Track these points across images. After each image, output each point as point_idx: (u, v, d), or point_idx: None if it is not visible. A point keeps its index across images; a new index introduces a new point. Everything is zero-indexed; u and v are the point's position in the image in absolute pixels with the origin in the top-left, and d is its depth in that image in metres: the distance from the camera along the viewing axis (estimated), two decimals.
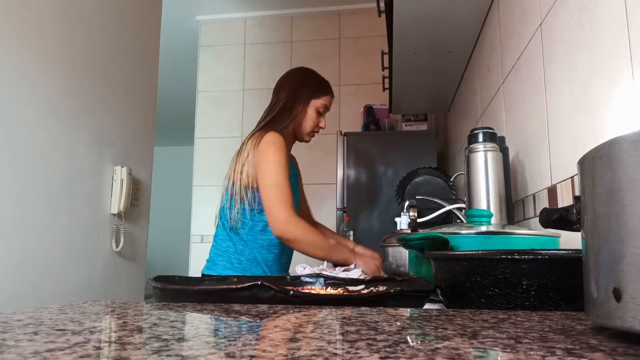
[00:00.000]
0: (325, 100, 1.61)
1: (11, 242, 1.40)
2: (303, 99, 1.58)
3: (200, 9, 3.86)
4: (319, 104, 1.60)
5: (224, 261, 1.52)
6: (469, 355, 0.28)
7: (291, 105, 1.57)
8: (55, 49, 1.58)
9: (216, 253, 1.56)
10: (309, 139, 1.64)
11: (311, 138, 1.65)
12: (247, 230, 1.50)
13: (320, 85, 1.62)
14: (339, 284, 0.74)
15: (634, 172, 0.30)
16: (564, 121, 1.00)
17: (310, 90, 1.59)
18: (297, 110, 1.58)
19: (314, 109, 1.59)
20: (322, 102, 1.60)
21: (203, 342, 0.31)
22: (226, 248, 1.53)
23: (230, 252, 1.52)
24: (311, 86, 1.61)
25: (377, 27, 3.61)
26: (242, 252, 1.51)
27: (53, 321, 0.39)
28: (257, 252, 1.51)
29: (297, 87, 1.60)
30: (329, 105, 1.64)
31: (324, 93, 1.61)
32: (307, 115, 1.59)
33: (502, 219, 1.10)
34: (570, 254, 0.51)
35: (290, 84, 1.61)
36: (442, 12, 1.76)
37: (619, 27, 0.75)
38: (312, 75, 1.67)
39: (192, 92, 4.01)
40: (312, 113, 1.59)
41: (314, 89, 1.60)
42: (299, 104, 1.58)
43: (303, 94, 1.59)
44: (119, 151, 1.91)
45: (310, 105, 1.59)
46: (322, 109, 1.61)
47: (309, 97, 1.59)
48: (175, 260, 6.29)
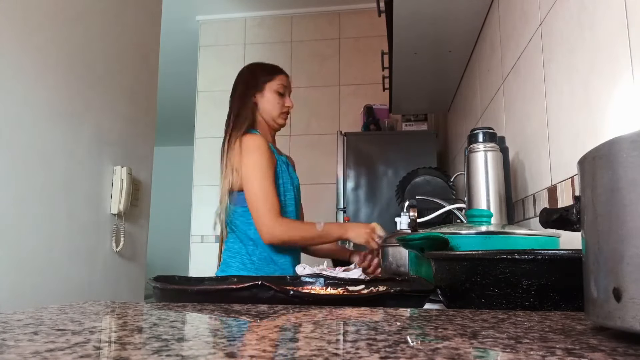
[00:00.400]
0: (280, 79, 1.63)
1: (11, 242, 1.40)
2: (258, 86, 1.61)
3: (200, 9, 3.86)
4: (275, 85, 1.61)
5: (237, 262, 1.55)
6: (469, 355, 0.28)
7: (250, 96, 1.61)
8: (55, 49, 1.58)
9: (229, 255, 1.58)
10: (282, 121, 1.65)
11: (285, 120, 1.66)
12: (254, 230, 1.51)
13: (268, 69, 1.65)
14: (339, 284, 0.74)
15: (634, 172, 0.30)
16: (564, 121, 1.00)
17: (260, 76, 1.62)
18: (257, 99, 1.61)
19: (271, 91, 1.61)
20: (277, 83, 1.62)
21: (203, 342, 0.31)
22: (238, 250, 1.56)
23: (242, 254, 1.55)
24: (260, 72, 1.64)
25: (377, 27, 3.61)
26: (254, 252, 1.53)
27: (53, 321, 0.39)
28: (269, 250, 1.54)
29: (248, 79, 1.63)
30: (287, 85, 1.66)
31: (275, 74, 1.63)
32: (268, 100, 1.61)
33: (502, 219, 1.10)
34: (570, 254, 0.51)
35: (241, 80, 1.66)
36: (442, 12, 1.75)
37: (619, 27, 0.75)
38: (258, 64, 1.70)
39: (192, 92, 4.01)
40: (271, 96, 1.61)
41: (263, 74, 1.63)
42: (256, 92, 1.61)
43: (256, 82, 1.62)
44: (119, 151, 1.91)
45: (267, 89, 1.61)
46: (280, 89, 1.62)
47: (262, 82, 1.61)
48: (175, 260, 6.29)
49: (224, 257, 1.60)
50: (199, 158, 3.83)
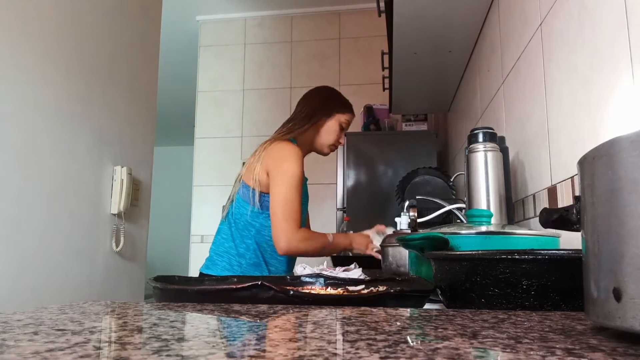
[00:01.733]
0: (349, 117, 1.68)
1: (11, 242, 1.40)
2: (329, 110, 1.64)
3: (200, 9, 3.86)
4: (343, 119, 1.65)
5: (224, 262, 1.52)
6: (469, 355, 0.28)
7: (314, 114, 1.62)
8: (55, 49, 1.58)
9: (217, 252, 1.55)
10: (328, 151, 1.68)
11: (330, 152, 1.69)
12: (254, 233, 1.51)
13: (345, 103, 1.69)
14: (339, 284, 0.74)
15: (634, 172, 0.30)
16: (564, 121, 1.00)
17: (336, 105, 1.66)
18: (320, 120, 1.62)
19: (337, 122, 1.65)
20: (346, 118, 1.66)
21: (203, 342, 0.31)
22: (227, 249, 1.53)
23: (231, 254, 1.52)
24: (338, 101, 1.68)
25: (377, 27, 3.61)
26: (244, 255, 1.51)
27: (53, 321, 0.39)
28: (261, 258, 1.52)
29: (325, 99, 1.66)
30: (350, 123, 1.71)
31: (348, 110, 1.68)
32: (330, 127, 1.64)
33: (502, 219, 1.10)
34: (570, 254, 0.51)
35: (317, 97, 1.68)
36: (442, 12, 1.75)
37: (619, 27, 0.75)
38: (338, 93, 1.74)
39: (192, 92, 4.01)
40: (335, 126, 1.64)
41: (340, 104, 1.67)
42: (323, 114, 1.63)
43: (329, 106, 1.64)
44: (119, 151, 1.91)
45: (335, 118, 1.64)
46: (345, 125, 1.67)
47: (335, 110, 1.64)
48: (175, 260, 6.30)
49: (211, 252, 1.58)
50: (199, 158, 3.83)
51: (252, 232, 1.51)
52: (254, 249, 1.51)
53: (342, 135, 1.69)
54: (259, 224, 1.51)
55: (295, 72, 3.84)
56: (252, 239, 1.51)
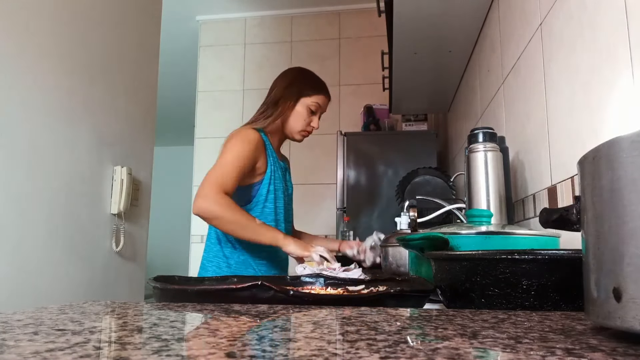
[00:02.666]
0: (318, 99, 1.56)
1: (11, 242, 1.40)
2: (292, 95, 1.54)
3: (200, 9, 3.86)
4: (309, 102, 1.54)
5: (214, 267, 1.50)
6: (469, 355, 0.28)
7: (278, 100, 1.54)
8: (55, 49, 1.58)
9: (207, 258, 1.54)
10: (299, 137, 1.59)
11: (303, 137, 1.60)
12: None
13: (312, 84, 1.58)
14: (339, 284, 0.74)
15: (634, 172, 0.30)
16: (564, 121, 1.00)
17: (300, 87, 1.55)
18: (284, 106, 1.54)
19: (304, 106, 1.54)
20: (313, 101, 1.55)
21: (203, 342, 0.31)
22: (216, 252, 1.51)
23: (219, 257, 1.50)
24: (303, 83, 1.57)
25: (377, 27, 3.61)
26: (231, 255, 1.48)
27: (53, 321, 0.39)
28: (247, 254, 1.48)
29: (288, 83, 1.56)
30: (323, 106, 1.59)
31: (316, 92, 1.56)
32: (295, 112, 1.55)
33: (502, 219, 1.10)
34: (570, 254, 0.51)
35: (282, 81, 1.59)
36: (442, 12, 1.75)
37: (619, 27, 0.75)
38: (306, 74, 1.62)
39: (192, 92, 4.01)
40: (301, 110, 1.54)
41: (305, 86, 1.56)
42: (288, 100, 1.54)
43: (292, 90, 1.55)
44: (119, 151, 1.91)
45: (300, 103, 1.54)
46: (314, 107, 1.55)
47: (298, 93, 1.54)
48: (175, 260, 6.29)
49: (202, 259, 1.55)
50: (199, 158, 3.83)
51: None
52: (239, 248, 1.48)
53: (315, 119, 1.57)
54: None
55: None
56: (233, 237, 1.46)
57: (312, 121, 1.57)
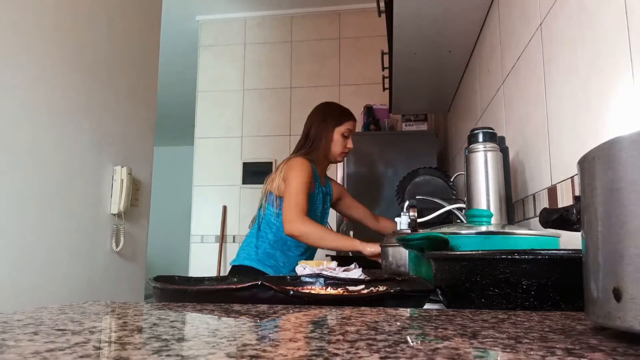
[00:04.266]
0: (348, 125, 1.93)
1: (11, 242, 1.40)
2: (328, 128, 1.91)
3: (200, 9, 3.86)
4: (343, 130, 1.92)
5: (244, 253, 1.84)
6: (469, 355, 0.28)
7: (316, 136, 1.91)
8: (55, 49, 1.58)
9: (242, 247, 1.88)
10: (340, 159, 1.98)
11: (342, 158, 1.99)
12: (275, 231, 1.82)
13: (341, 114, 1.93)
14: (339, 284, 0.74)
15: (634, 172, 0.30)
16: (564, 121, 1.00)
17: (333, 121, 1.91)
18: (325, 140, 1.91)
19: (339, 134, 1.91)
20: (345, 128, 1.92)
21: (203, 342, 0.31)
22: (249, 243, 1.86)
23: (251, 246, 1.84)
24: (334, 116, 1.92)
25: (377, 27, 3.62)
26: (261, 246, 1.83)
27: (53, 321, 0.39)
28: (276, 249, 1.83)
29: (322, 120, 1.92)
30: (353, 129, 1.95)
31: (345, 120, 1.92)
32: (334, 141, 1.92)
33: (502, 219, 1.10)
34: (570, 254, 0.51)
35: (316, 119, 1.94)
36: (442, 12, 1.75)
37: (619, 27, 0.75)
38: (334, 106, 1.98)
39: (192, 92, 4.01)
40: (338, 138, 1.92)
41: (336, 118, 1.92)
42: (326, 133, 1.91)
43: (328, 125, 1.91)
44: (119, 151, 1.91)
45: (336, 132, 1.91)
46: (346, 133, 1.93)
47: (333, 126, 1.91)
48: (175, 260, 6.30)
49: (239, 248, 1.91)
50: (199, 158, 3.83)
51: (273, 229, 1.82)
52: (269, 242, 1.83)
53: (349, 141, 1.95)
54: (279, 222, 1.81)
55: (295, 72, 3.84)
56: (273, 234, 1.83)
57: (347, 143, 1.96)
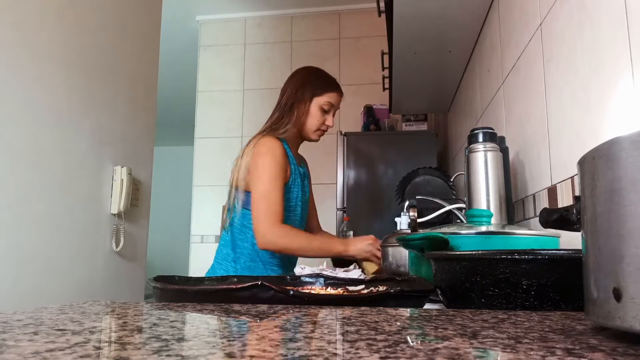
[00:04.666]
0: (330, 97, 1.56)
1: (11, 242, 1.40)
2: (305, 97, 1.54)
3: (200, 9, 3.86)
4: (322, 102, 1.55)
5: (222, 270, 1.52)
6: (469, 355, 0.28)
7: (292, 104, 1.54)
8: (55, 49, 1.58)
9: (217, 260, 1.56)
10: (316, 137, 1.60)
11: (319, 137, 1.61)
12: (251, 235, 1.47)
13: (323, 83, 1.57)
14: (339, 284, 0.74)
15: (634, 172, 0.30)
16: (564, 121, 1.00)
17: (312, 88, 1.55)
18: (300, 110, 1.54)
19: (317, 106, 1.55)
20: (325, 100, 1.55)
21: (203, 342, 0.31)
22: (225, 256, 1.53)
23: (228, 260, 1.52)
24: (313, 84, 1.56)
25: (377, 27, 3.61)
26: (239, 259, 1.50)
27: (53, 321, 0.39)
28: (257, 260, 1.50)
29: (299, 86, 1.56)
30: (336, 103, 1.59)
31: (327, 90, 1.56)
32: (310, 114, 1.55)
33: (502, 219, 1.10)
34: (570, 254, 0.51)
35: (292, 84, 1.58)
36: (442, 12, 1.75)
37: (619, 27, 0.75)
38: (316, 73, 1.62)
39: (192, 92, 4.01)
40: (315, 111, 1.55)
41: (316, 87, 1.56)
42: (301, 103, 1.54)
43: (305, 92, 1.55)
44: (119, 151, 1.91)
45: (313, 103, 1.55)
46: (326, 107, 1.56)
47: (311, 95, 1.55)
48: (175, 260, 6.29)
49: (214, 259, 1.57)
50: (199, 158, 3.83)
51: (249, 234, 1.47)
52: (248, 253, 1.49)
53: (329, 117, 1.58)
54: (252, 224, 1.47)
55: None
56: (249, 241, 1.48)
57: (326, 120, 1.58)
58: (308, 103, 1.55)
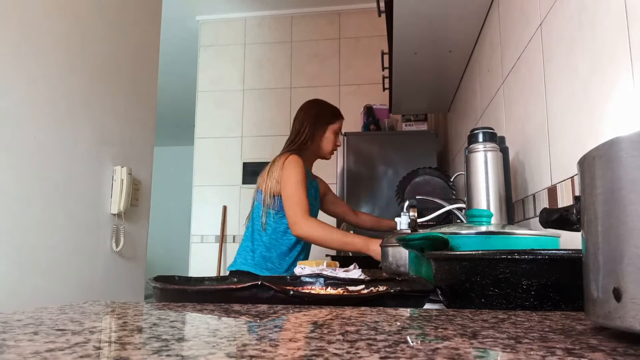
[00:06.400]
0: (339, 123, 1.97)
1: (11, 241, 1.40)
2: (322, 125, 1.93)
3: (200, 9, 3.86)
4: (335, 127, 1.95)
5: (241, 258, 1.83)
6: (469, 355, 0.28)
7: (313, 132, 1.92)
8: (55, 49, 1.58)
9: (238, 252, 1.88)
10: (329, 156, 2.00)
11: (331, 155, 1.99)
12: (271, 231, 1.80)
13: (333, 113, 1.97)
14: (339, 284, 0.74)
15: (634, 172, 0.30)
16: (564, 121, 1.00)
17: (327, 118, 1.94)
18: (318, 136, 1.93)
19: (331, 132, 1.95)
20: (338, 126, 1.96)
21: (203, 342, 0.31)
22: (245, 247, 1.85)
23: (247, 250, 1.84)
24: (327, 114, 1.95)
25: (377, 27, 3.62)
26: (256, 249, 1.82)
27: (53, 321, 0.39)
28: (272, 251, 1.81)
29: (315, 117, 1.93)
30: (341, 127, 2.00)
31: (337, 118, 1.96)
32: (326, 138, 1.94)
33: (502, 219, 1.10)
34: (570, 254, 0.51)
35: (310, 115, 1.94)
36: (442, 12, 1.75)
37: (619, 27, 0.75)
38: (325, 105, 2.00)
39: (192, 92, 4.01)
40: (330, 136, 1.95)
41: (329, 116, 1.95)
42: (320, 130, 1.93)
43: (321, 122, 1.93)
44: (119, 151, 1.91)
45: (329, 130, 1.94)
46: (337, 130, 1.96)
47: (327, 123, 1.94)
48: (175, 260, 6.30)
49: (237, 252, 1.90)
50: (199, 158, 3.83)
51: (268, 231, 1.81)
52: (264, 245, 1.81)
53: (339, 138, 1.99)
54: (273, 222, 1.80)
55: (295, 72, 3.84)
56: (268, 236, 1.81)
57: (337, 141, 1.99)
58: (325, 130, 1.94)
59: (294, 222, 1.71)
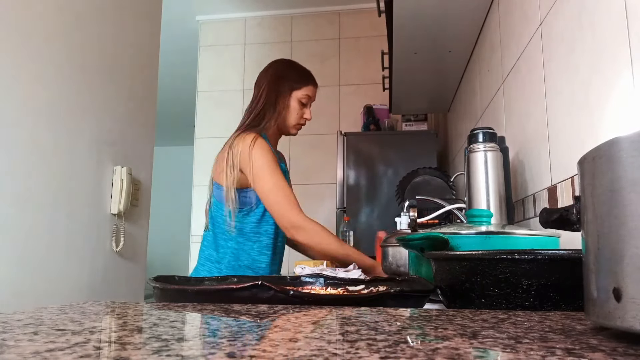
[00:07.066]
0: (307, 90, 1.55)
1: (11, 241, 1.40)
2: (284, 92, 1.53)
3: (200, 9, 3.86)
4: (300, 95, 1.54)
5: (205, 271, 1.50)
6: (469, 355, 0.28)
7: (273, 100, 1.52)
8: (55, 49, 1.58)
9: (200, 262, 1.54)
10: (294, 131, 1.59)
11: (297, 131, 1.59)
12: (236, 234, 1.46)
13: (300, 76, 1.56)
14: (339, 284, 0.74)
15: (634, 172, 0.30)
16: (564, 121, 1.00)
17: (290, 82, 1.54)
18: (278, 106, 1.52)
19: (296, 100, 1.53)
20: (304, 93, 1.54)
21: (203, 342, 0.31)
22: (208, 256, 1.51)
23: (211, 261, 1.50)
24: (291, 78, 1.55)
25: (377, 27, 3.61)
26: (222, 260, 1.47)
27: (53, 321, 0.39)
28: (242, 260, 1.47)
29: (277, 80, 1.54)
30: (313, 96, 1.58)
31: (305, 83, 1.55)
32: (290, 108, 1.53)
33: (502, 219, 1.10)
34: (570, 254, 0.51)
35: (269, 78, 1.56)
36: (442, 12, 1.76)
37: (619, 27, 0.75)
38: (292, 66, 1.60)
39: (192, 92, 4.01)
40: (294, 105, 1.54)
41: (294, 81, 1.54)
42: (280, 98, 1.52)
43: (283, 87, 1.53)
44: (119, 151, 1.91)
45: (292, 97, 1.53)
46: (304, 100, 1.55)
47: (290, 89, 1.53)
48: (175, 260, 6.29)
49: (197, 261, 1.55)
50: (199, 158, 3.83)
51: (234, 233, 1.45)
52: (231, 252, 1.46)
53: (307, 110, 1.56)
54: (239, 223, 1.45)
55: None
56: (234, 240, 1.46)
57: (304, 113, 1.57)
58: (287, 97, 1.53)
59: (293, 225, 1.37)
